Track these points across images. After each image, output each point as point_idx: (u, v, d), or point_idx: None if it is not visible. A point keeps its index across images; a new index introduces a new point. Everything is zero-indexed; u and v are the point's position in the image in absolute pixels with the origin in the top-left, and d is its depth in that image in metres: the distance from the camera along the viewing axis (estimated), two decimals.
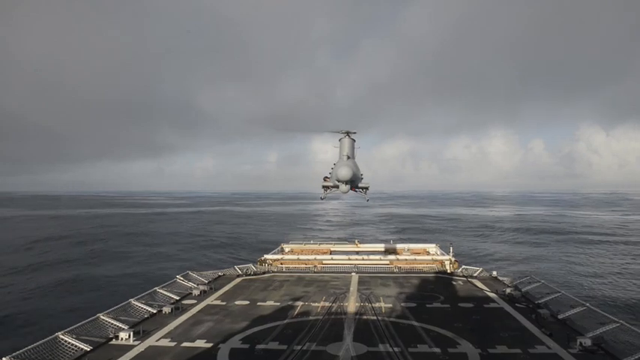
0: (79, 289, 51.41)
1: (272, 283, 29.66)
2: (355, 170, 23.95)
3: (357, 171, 24.58)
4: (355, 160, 25.35)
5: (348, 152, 24.67)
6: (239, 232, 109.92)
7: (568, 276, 58.59)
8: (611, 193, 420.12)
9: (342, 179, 23.41)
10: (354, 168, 23.72)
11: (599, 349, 16.70)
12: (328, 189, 26.77)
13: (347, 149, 24.85)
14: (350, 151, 24.91)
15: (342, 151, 24.94)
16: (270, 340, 18.18)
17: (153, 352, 16.99)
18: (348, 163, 23.69)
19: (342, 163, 23.89)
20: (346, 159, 24.10)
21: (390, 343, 17.55)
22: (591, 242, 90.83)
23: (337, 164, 24.49)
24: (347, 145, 25.03)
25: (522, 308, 22.67)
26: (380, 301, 24.14)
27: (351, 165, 23.60)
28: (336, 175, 23.66)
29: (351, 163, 23.98)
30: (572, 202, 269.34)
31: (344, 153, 24.61)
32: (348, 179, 23.43)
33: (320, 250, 41.19)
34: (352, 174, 23.27)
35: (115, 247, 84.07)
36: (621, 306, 43.36)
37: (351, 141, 25.25)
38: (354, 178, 23.70)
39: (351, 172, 23.12)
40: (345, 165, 23.37)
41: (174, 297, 24.77)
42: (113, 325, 19.25)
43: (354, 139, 25.46)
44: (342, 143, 25.28)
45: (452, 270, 33.33)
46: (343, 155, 24.45)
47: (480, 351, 16.74)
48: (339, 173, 23.28)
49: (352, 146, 25.27)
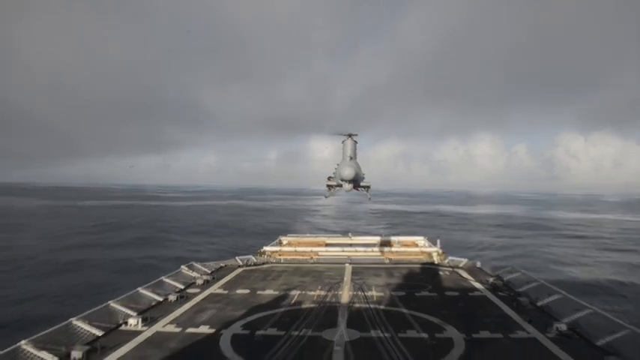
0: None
1: (271, 273, 30.60)
2: (358, 170, 24.80)
3: (360, 171, 25.46)
4: (357, 160, 26.24)
5: (350, 153, 25.52)
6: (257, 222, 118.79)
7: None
8: (586, 195, 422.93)
9: (345, 178, 24.23)
10: (356, 168, 24.52)
11: (574, 334, 17.82)
12: (332, 188, 27.68)
13: (350, 150, 25.71)
14: (352, 152, 25.79)
15: (345, 152, 25.74)
16: (269, 326, 19.07)
17: (160, 337, 17.87)
18: (351, 163, 24.52)
19: (345, 163, 24.65)
20: (349, 160, 24.93)
21: (381, 329, 18.54)
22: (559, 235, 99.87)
23: (341, 164, 25.26)
24: (350, 146, 25.88)
25: (504, 296, 23.79)
26: (372, 290, 25.16)
27: (354, 165, 24.44)
28: (340, 175, 24.45)
29: (354, 163, 24.82)
30: (550, 202, 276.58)
31: (347, 154, 25.39)
32: (351, 178, 24.27)
33: (316, 242, 42.29)
34: (355, 174, 24.10)
35: (172, 239, 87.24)
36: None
37: (353, 143, 26.12)
38: (356, 177, 24.49)
39: (354, 171, 23.96)
40: (349, 165, 24.17)
41: (180, 286, 25.63)
42: (123, 312, 20.13)
43: (356, 141, 26.36)
44: (345, 145, 26.11)
45: (439, 261, 34.44)
46: (346, 156, 25.24)
47: (464, 336, 17.78)
48: (343, 173, 24.09)
49: (354, 148, 26.13)
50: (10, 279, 50.96)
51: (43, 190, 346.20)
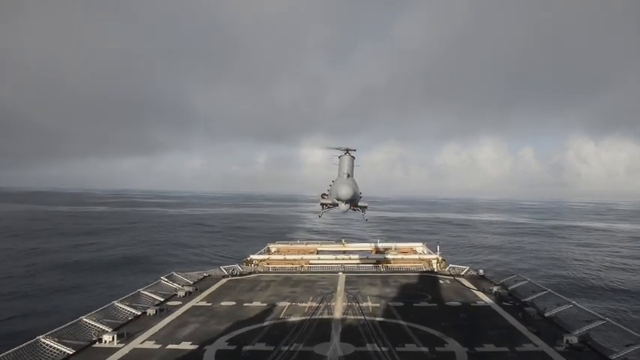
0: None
1: (258, 283, 29.44)
2: (355, 189, 23.54)
3: (357, 190, 24.16)
4: (354, 177, 25.05)
5: (347, 170, 24.25)
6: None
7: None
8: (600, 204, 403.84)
9: (342, 198, 23.07)
10: (354, 187, 23.28)
11: (585, 347, 16.84)
12: (326, 206, 26.52)
13: (347, 167, 24.44)
14: (350, 169, 24.51)
15: (341, 169, 24.49)
16: (257, 341, 18.03)
17: (137, 355, 16.71)
18: (348, 181, 23.28)
19: (342, 181, 23.41)
20: (346, 177, 23.71)
21: (377, 342, 17.49)
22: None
23: (337, 182, 24.00)
24: (347, 162, 24.64)
25: (509, 306, 22.80)
26: (367, 301, 24.13)
27: (351, 184, 23.20)
28: (336, 194, 23.22)
29: (351, 181, 23.59)
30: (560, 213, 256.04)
31: (344, 171, 24.16)
32: (348, 198, 23.15)
33: (307, 249, 40.97)
34: (353, 193, 22.95)
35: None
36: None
37: (350, 158, 24.87)
38: (354, 197, 23.33)
39: (352, 191, 22.78)
40: (346, 184, 22.94)
41: (159, 298, 24.42)
42: (96, 328, 18.89)
43: (354, 157, 25.24)
44: (341, 161, 24.86)
45: (439, 269, 33.49)
46: (343, 173, 24.01)
47: (467, 349, 16.77)
48: (340, 192, 22.87)
49: (352, 164, 24.87)
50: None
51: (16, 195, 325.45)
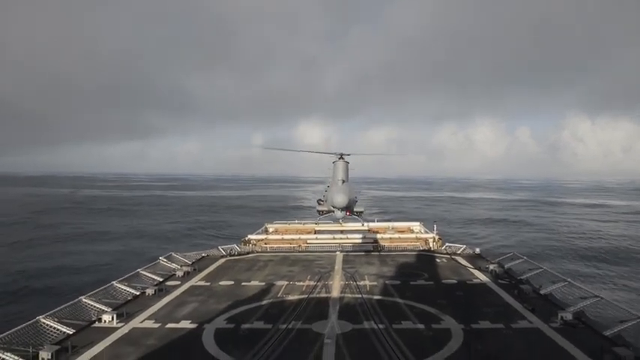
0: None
1: (256, 263, 29.57)
2: (351, 196, 23.44)
3: (353, 195, 24.08)
4: (349, 182, 24.84)
5: (342, 176, 24.09)
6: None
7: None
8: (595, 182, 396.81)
9: (338, 206, 22.98)
10: (349, 194, 23.13)
11: (579, 323, 17.03)
12: (322, 213, 26.40)
13: (341, 173, 24.31)
14: (344, 174, 24.38)
15: (336, 175, 24.33)
16: (256, 319, 18.17)
17: (137, 334, 16.82)
18: (343, 188, 23.06)
19: (337, 188, 23.18)
20: (341, 183, 23.48)
21: (374, 320, 17.68)
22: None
23: (332, 189, 23.79)
24: (341, 168, 24.49)
25: (505, 284, 23.01)
26: (364, 280, 24.29)
27: (346, 191, 23.03)
28: (332, 202, 23.08)
29: (347, 188, 23.39)
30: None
31: (338, 177, 23.99)
32: (344, 206, 23.04)
33: (304, 229, 40.99)
34: (348, 200, 22.83)
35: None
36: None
37: (345, 164, 24.71)
38: (349, 204, 23.26)
39: (347, 199, 22.67)
40: (341, 192, 22.74)
41: (158, 279, 24.52)
42: (96, 308, 18.97)
43: (348, 162, 24.99)
44: (335, 166, 24.69)
45: (435, 248, 33.61)
46: (338, 180, 23.83)
47: (463, 326, 16.96)
48: (335, 200, 22.71)
49: (346, 169, 24.75)
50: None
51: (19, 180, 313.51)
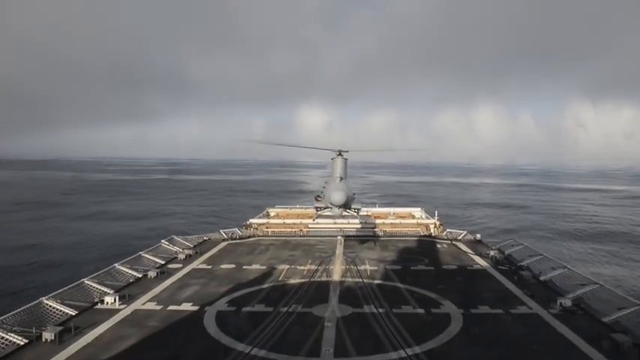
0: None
1: (257, 247, 29.69)
2: (348, 193, 23.50)
3: (350, 193, 24.12)
4: (347, 179, 24.90)
5: (340, 173, 24.12)
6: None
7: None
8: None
9: (335, 204, 23.05)
10: (347, 191, 23.19)
11: (578, 310, 17.11)
12: (320, 209, 26.55)
13: (340, 170, 24.33)
14: (342, 171, 24.42)
15: (334, 172, 24.41)
16: (257, 302, 18.28)
17: (139, 316, 16.95)
18: (341, 186, 23.12)
19: (334, 186, 23.26)
20: (339, 181, 23.53)
21: (374, 304, 17.80)
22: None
23: (329, 186, 23.86)
24: (339, 165, 24.51)
25: (505, 270, 23.11)
26: (365, 264, 24.41)
27: (344, 189, 23.06)
28: (329, 200, 23.16)
29: (344, 186, 23.44)
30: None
31: (336, 174, 24.05)
32: (341, 204, 23.13)
33: (305, 214, 41.03)
34: (346, 198, 22.92)
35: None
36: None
37: (343, 161, 24.73)
38: (347, 201, 23.33)
39: (344, 197, 22.74)
40: (339, 190, 22.79)
41: (160, 261, 24.64)
42: (98, 290, 19.10)
43: (347, 159, 25.03)
44: (334, 163, 24.73)
45: (436, 233, 33.76)
46: (336, 177, 23.92)
47: (462, 311, 17.07)
48: (333, 198, 22.81)
49: (345, 166, 24.81)
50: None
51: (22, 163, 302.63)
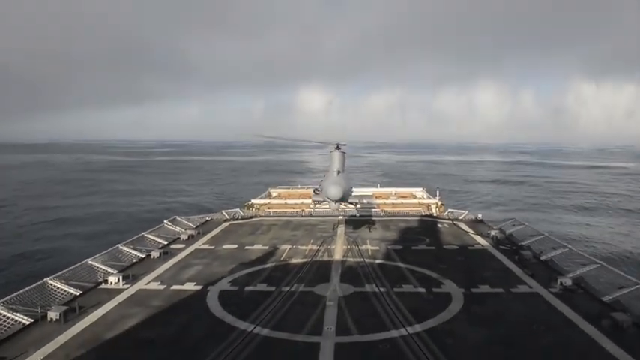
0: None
1: (259, 227, 29.80)
2: (346, 187, 23.48)
3: (347, 187, 24.11)
4: (345, 173, 24.85)
5: (338, 167, 24.06)
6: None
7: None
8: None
9: (332, 199, 23.05)
10: (344, 186, 23.17)
11: (578, 289, 17.19)
12: (317, 203, 26.59)
13: (337, 164, 24.27)
14: (340, 165, 24.37)
15: (332, 166, 24.36)
16: (259, 282, 18.42)
17: (143, 295, 17.12)
18: (338, 180, 23.07)
19: (332, 180, 23.20)
20: (336, 174, 23.47)
21: (376, 283, 17.91)
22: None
23: (327, 180, 23.84)
24: (337, 159, 24.45)
25: (506, 250, 23.15)
26: (366, 244, 24.50)
27: (341, 183, 23.01)
28: (326, 194, 23.16)
29: (341, 180, 23.38)
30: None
31: (334, 168, 24.00)
32: (338, 199, 23.12)
33: (307, 194, 41.03)
34: (343, 193, 22.91)
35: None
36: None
37: (341, 154, 24.67)
38: (344, 196, 23.32)
39: (341, 191, 22.71)
40: (336, 184, 22.75)
41: (163, 242, 24.78)
42: (102, 270, 19.26)
43: (345, 152, 24.96)
44: (332, 157, 24.68)
45: (438, 213, 33.85)
46: (333, 171, 23.86)
47: (463, 290, 17.17)
48: (330, 193, 22.80)
49: (342, 160, 24.76)
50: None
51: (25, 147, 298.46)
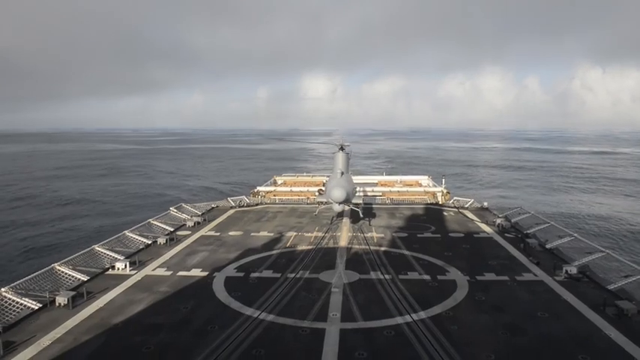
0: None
1: (265, 214, 29.89)
2: (349, 189, 23.61)
3: (351, 189, 24.29)
4: (349, 173, 24.92)
5: (342, 168, 24.25)
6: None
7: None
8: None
9: (336, 201, 23.15)
10: (347, 188, 23.30)
11: (584, 277, 17.17)
12: (322, 204, 26.70)
13: (341, 165, 24.47)
14: (344, 166, 24.61)
15: (336, 166, 24.64)
16: (264, 268, 18.52)
17: (149, 281, 17.24)
18: (341, 182, 23.17)
19: (335, 182, 23.31)
20: (340, 175, 23.57)
21: (381, 270, 17.98)
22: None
23: (331, 182, 23.99)
24: (341, 160, 24.64)
25: (511, 238, 23.11)
26: (372, 231, 24.56)
27: (344, 185, 23.11)
28: (330, 196, 23.28)
29: (345, 182, 23.51)
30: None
31: (337, 169, 24.19)
32: (341, 201, 23.21)
33: (312, 182, 41.14)
34: (346, 195, 23.02)
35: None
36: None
37: (345, 155, 24.88)
38: (347, 197, 23.43)
39: (345, 194, 22.83)
40: (339, 187, 22.83)
41: (169, 228, 24.92)
42: (109, 256, 19.42)
43: (349, 153, 25.02)
44: (336, 157, 24.96)
45: (443, 201, 33.75)
46: (337, 171, 24.00)
47: (468, 278, 17.19)
48: (332, 194, 22.92)
49: (346, 160, 24.96)
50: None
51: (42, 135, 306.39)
